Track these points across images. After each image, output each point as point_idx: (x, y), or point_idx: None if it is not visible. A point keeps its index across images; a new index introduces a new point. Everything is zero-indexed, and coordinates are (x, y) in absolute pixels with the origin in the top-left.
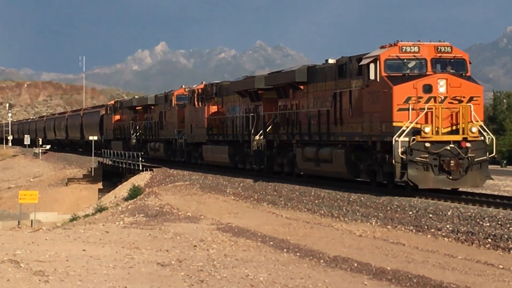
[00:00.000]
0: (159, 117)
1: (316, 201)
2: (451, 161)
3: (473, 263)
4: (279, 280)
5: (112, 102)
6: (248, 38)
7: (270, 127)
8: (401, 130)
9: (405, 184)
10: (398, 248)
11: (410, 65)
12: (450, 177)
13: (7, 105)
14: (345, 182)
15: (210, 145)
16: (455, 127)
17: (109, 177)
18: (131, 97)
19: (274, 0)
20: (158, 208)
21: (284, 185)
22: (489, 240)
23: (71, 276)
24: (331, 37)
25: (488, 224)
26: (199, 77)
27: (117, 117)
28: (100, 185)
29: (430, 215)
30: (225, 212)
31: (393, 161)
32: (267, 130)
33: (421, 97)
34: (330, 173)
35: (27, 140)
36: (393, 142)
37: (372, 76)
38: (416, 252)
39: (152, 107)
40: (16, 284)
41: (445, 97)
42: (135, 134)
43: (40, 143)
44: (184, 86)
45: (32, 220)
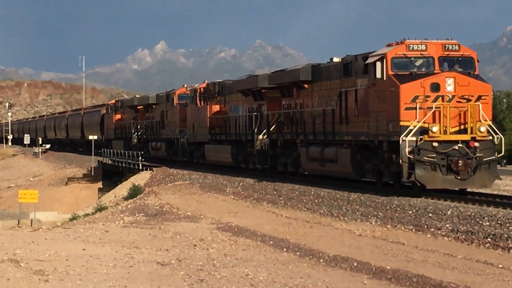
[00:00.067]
0: (161, 116)
1: (316, 201)
2: (459, 161)
3: (473, 263)
4: (279, 280)
5: (113, 101)
6: (248, 37)
7: (274, 126)
8: (408, 129)
9: (412, 185)
10: (398, 248)
11: (417, 64)
12: (458, 177)
13: (7, 104)
14: (348, 182)
15: (213, 144)
16: (463, 127)
17: (109, 177)
18: (132, 96)
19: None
20: (158, 207)
21: (284, 184)
22: (489, 239)
23: (71, 275)
24: (331, 36)
25: (487, 223)
26: (199, 77)
27: (118, 116)
28: (100, 185)
29: (430, 215)
30: (225, 212)
31: (400, 161)
32: (271, 130)
33: (428, 96)
34: (335, 173)
35: (27, 139)
36: (400, 142)
37: (378, 75)
38: (416, 251)
39: (154, 106)
40: (16, 284)
41: (453, 96)
42: (136, 133)
43: (40, 142)
44: (186, 85)
45: (32, 220)
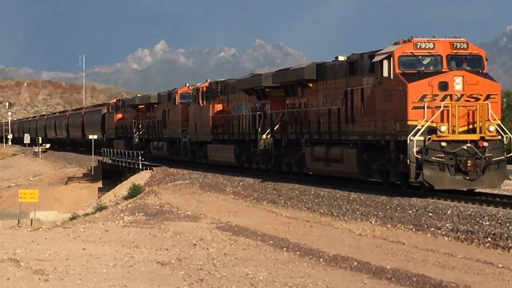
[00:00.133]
0: (163, 115)
1: (315, 200)
2: (468, 161)
3: (473, 262)
4: (279, 279)
5: (114, 100)
6: (248, 37)
7: (278, 125)
8: (416, 129)
9: (420, 185)
10: (398, 247)
11: (425, 62)
12: (467, 178)
13: (6, 104)
14: (350, 182)
15: (215, 144)
16: (472, 126)
17: (109, 176)
18: (132, 96)
19: None
20: (158, 207)
21: (284, 184)
22: (489, 239)
23: (71, 275)
24: (331, 36)
25: (487, 223)
26: (199, 76)
27: (119, 115)
28: (100, 184)
29: (430, 214)
30: (225, 211)
31: (408, 161)
32: (275, 129)
33: (436, 95)
34: (340, 173)
35: (27, 139)
36: (408, 141)
37: (385, 73)
38: (416, 251)
39: (155, 106)
40: (16, 283)
41: (462, 95)
42: (137, 133)
43: (40, 142)
44: (188, 84)
45: (32, 219)
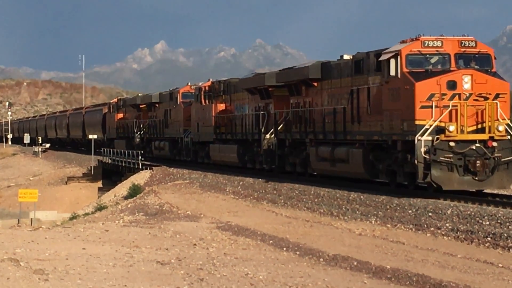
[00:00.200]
0: (164, 115)
1: (315, 200)
2: (477, 161)
3: (473, 262)
4: (279, 279)
5: (115, 100)
6: (248, 36)
7: (282, 125)
8: (424, 128)
9: (428, 186)
10: (398, 247)
11: (433, 61)
12: (476, 178)
13: (6, 103)
14: (351, 182)
15: (218, 144)
16: (481, 126)
17: (108, 176)
18: (132, 96)
19: None
20: (157, 206)
21: (283, 184)
22: (489, 238)
23: (71, 274)
24: (331, 35)
25: (487, 222)
26: (199, 76)
27: (120, 115)
28: (99, 184)
29: (430, 214)
30: (225, 211)
31: (416, 161)
32: (279, 129)
33: (445, 94)
34: (346, 174)
35: (26, 138)
36: (416, 141)
37: (392, 72)
38: (416, 250)
39: (157, 105)
40: (16, 283)
41: (470, 94)
42: (139, 132)
43: (40, 141)
44: (190, 84)
45: (31, 219)
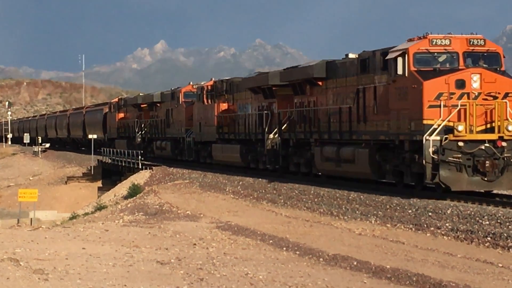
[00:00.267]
0: (166, 115)
1: (315, 200)
2: (486, 162)
3: (473, 262)
4: (279, 279)
5: (116, 99)
6: (248, 36)
7: (286, 125)
8: (432, 128)
9: (436, 186)
10: (398, 247)
11: (441, 59)
12: (485, 179)
13: (6, 103)
14: (351, 182)
15: (221, 144)
16: (490, 125)
17: (108, 176)
18: (133, 95)
19: None
20: (157, 206)
21: (283, 183)
22: (489, 238)
23: (71, 274)
24: (331, 35)
25: (487, 222)
26: (199, 76)
27: (121, 115)
28: (99, 184)
29: (430, 214)
30: (225, 211)
31: (424, 161)
32: (282, 128)
33: (453, 93)
34: (352, 174)
35: (26, 138)
36: (424, 141)
37: (399, 71)
38: (416, 250)
39: (158, 105)
40: (15, 283)
41: (479, 93)
42: (140, 132)
43: (40, 141)
44: (191, 83)
45: (31, 219)
